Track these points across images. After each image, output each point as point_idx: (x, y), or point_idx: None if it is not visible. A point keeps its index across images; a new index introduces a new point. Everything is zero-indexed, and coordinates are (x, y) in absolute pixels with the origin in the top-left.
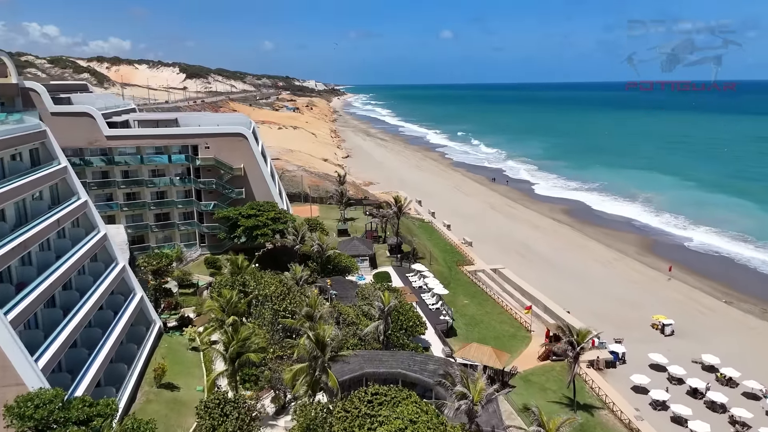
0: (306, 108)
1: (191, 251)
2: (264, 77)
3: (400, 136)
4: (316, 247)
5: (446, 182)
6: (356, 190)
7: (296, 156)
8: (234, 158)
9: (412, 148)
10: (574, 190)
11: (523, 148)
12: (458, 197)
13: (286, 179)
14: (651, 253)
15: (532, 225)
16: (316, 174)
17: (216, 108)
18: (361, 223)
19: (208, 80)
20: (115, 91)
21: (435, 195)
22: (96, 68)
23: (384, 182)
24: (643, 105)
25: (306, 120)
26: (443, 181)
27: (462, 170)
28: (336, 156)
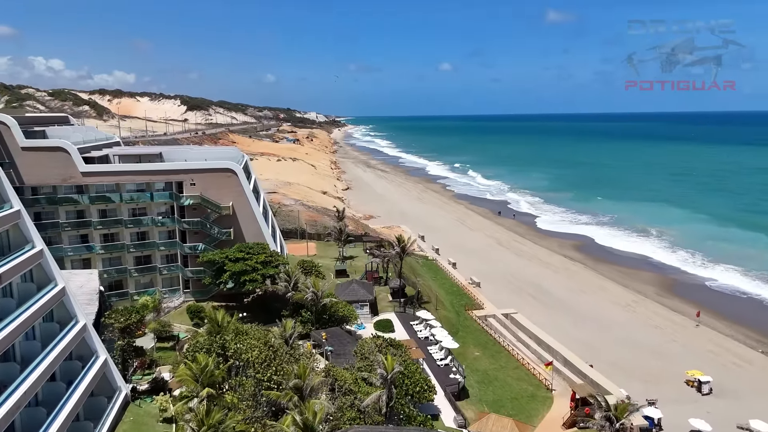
0: (306, 139)
1: (174, 297)
2: (265, 109)
3: (400, 167)
4: (310, 295)
5: (449, 216)
6: (356, 225)
7: (294, 189)
8: (222, 195)
9: (413, 180)
10: (583, 225)
11: (527, 180)
12: (463, 232)
13: (283, 214)
14: (672, 295)
15: (542, 262)
16: (314, 208)
17: (215, 140)
18: (361, 261)
19: (209, 112)
20: (114, 123)
21: (438, 229)
22: (98, 101)
23: (385, 216)
24: (643, 135)
25: (306, 151)
26: (446, 215)
27: (465, 203)
28: (336, 188)
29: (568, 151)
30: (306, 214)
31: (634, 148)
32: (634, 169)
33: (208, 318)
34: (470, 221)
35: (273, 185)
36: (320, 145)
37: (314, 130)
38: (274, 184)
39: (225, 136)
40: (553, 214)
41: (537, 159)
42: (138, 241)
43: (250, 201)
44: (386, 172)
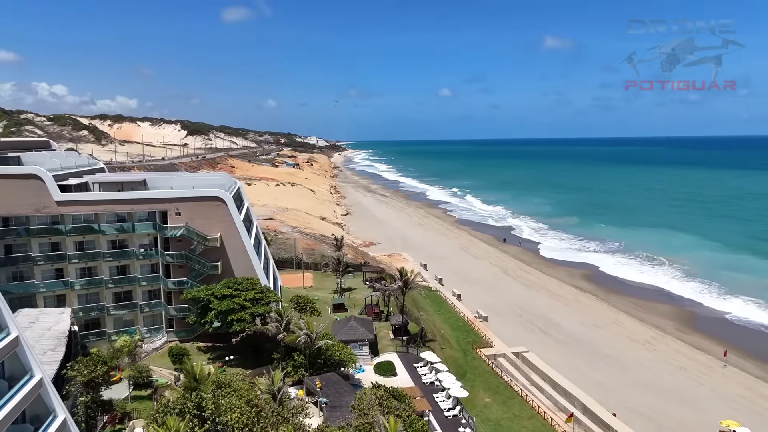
0: (306, 164)
1: (156, 337)
2: (266, 134)
3: (401, 192)
4: (303, 337)
5: (452, 242)
6: (355, 254)
7: (292, 215)
8: (210, 226)
9: (413, 205)
10: (590, 252)
11: (529, 206)
12: (467, 260)
13: (279, 242)
14: (692, 330)
15: (551, 293)
16: (311, 236)
17: (213, 165)
18: (361, 294)
19: (209, 137)
20: (113, 148)
21: (441, 257)
22: (98, 126)
23: (385, 242)
24: (643, 160)
25: (305, 176)
26: (449, 242)
27: (468, 229)
28: (335, 214)
29: (568, 176)
30: (303, 242)
31: (635, 172)
32: (636, 194)
33: (184, 370)
34: (474, 248)
35: (270, 211)
36: (320, 170)
37: (314, 154)
38: (271, 210)
39: (224, 161)
40: (559, 241)
41: (538, 184)
42: (118, 275)
43: (240, 232)
44: (386, 196)
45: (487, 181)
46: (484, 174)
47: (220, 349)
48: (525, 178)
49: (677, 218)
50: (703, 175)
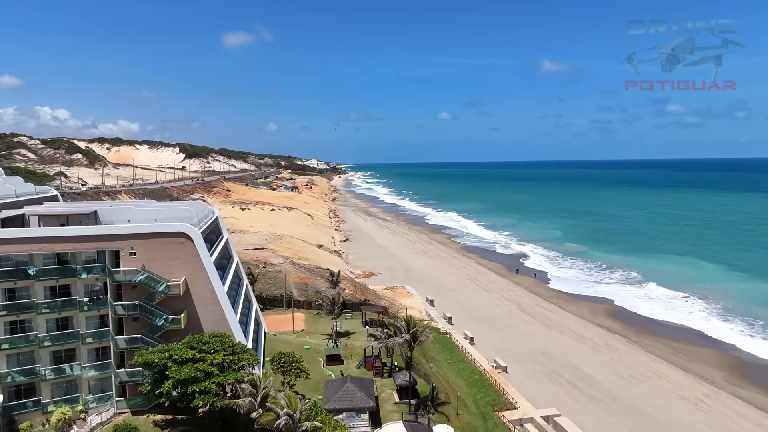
0: (305, 187)
1: (104, 407)
2: (266, 157)
3: (402, 216)
4: (283, 419)
5: (460, 273)
6: (354, 288)
7: (285, 243)
8: (172, 269)
9: (416, 230)
10: (610, 284)
11: (537, 231)
12: (477, 294)
13: (268, 277)
14: (747, 382)
15: (575, 335)
16: (305, 268)
17: (208, 189)
18: (359, 339)
19: (208, 160)
20: (105, 171)
21: (449, 290)
22: (96, 149)
23: (387, 272)
24: (646, 183)
25: (303, 200)
26: (456, 272)
27: (475, 256)
28: (333, 240)
29: (572, 200)
30: (295, 276)
31: (639, 195)
32: (646, 218)
33: None
34: (484, 279)
35: (262, 239)
36: (319, 193)
37: (314, 177)
38: (263, 238)
39: (219, 184)
40: (575, 271)
41: (542, 208)
42: (57, 330)
43: (210, 276)
44: (387, 221)
45: (489, 204)
46: (486, 197)
47: (182, 424)
48: (528, 201)
49: (694, 245)
50: (710, 198)
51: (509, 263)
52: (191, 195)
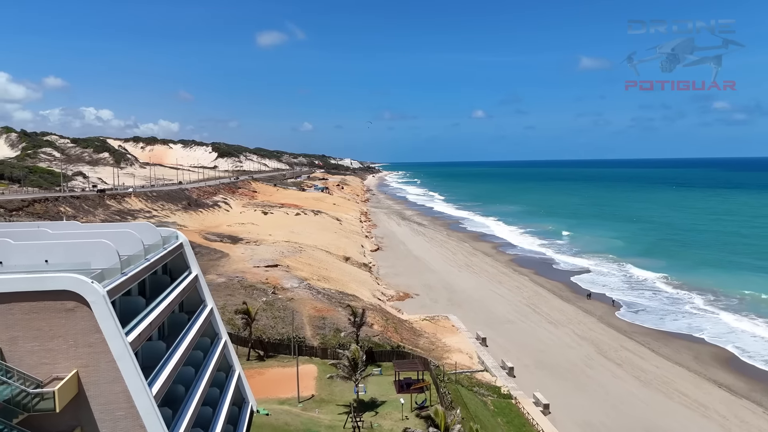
0: (337, 187)
1: None
2: (300, 156)
3: (439, 220)
4: None
5: (513, 295)
6: (385, 323)
7: (305, 258)
8: (53, 356)
9: (456, 237)
10: (712, 316)
11: (595, 241)
12: (540, 327)
13: (276, 308)
14: None
15: (690, 402)
16: (325, 294)
17: (234, 189)
18: (391, 415)
19: (240, 159)
20: (131, 171)
21: (504, 322)
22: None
23: (425, 293)
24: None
25: (333, 202)
26: (509, 293)
27: (528, 272)
28: (363, 250)
29: (624, 203)
30: (311, 306)
31: (697, 198)
32: (716, 226)
33: None
34: (545, 306)
35: (278, 253)
36: (351, 194)
37: (347, 176)
38: (280, 252)
39: (246, 185)
40: (656, 296)
41: (592, 211)
42: None
43: (122, 364)
44: (423, 225)
45: (532, 206)
46: (528, 199)
47: None
48: (574, 204)
49: None
50: None
51: (571, 282)
52: (213, 197)
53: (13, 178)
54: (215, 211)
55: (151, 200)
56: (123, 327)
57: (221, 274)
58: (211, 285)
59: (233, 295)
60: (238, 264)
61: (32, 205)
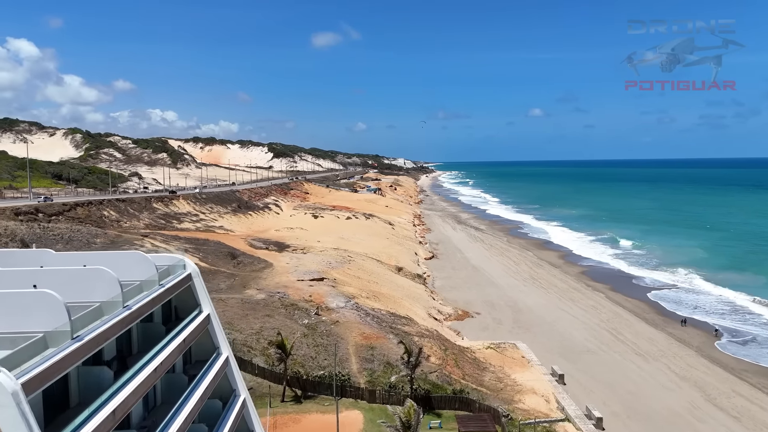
0: (389, 188)
1: None
2: (354, 156)
3: (498, 224)
4: None
5: (590, 317)
6: (444, 355)
7: (354, 269)
8: None
9: (517, 244)
10: None
11: (673, 251)
12: (627, 360)
13: (319, 333)
14: None
15: None
16: (374, 316)
17: (286, 191)
18: None
19: (294, 159)
20: (186, 171)
21: (581, 352)
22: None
23: (487, 311)
24: None
25: (386, 204)
26: (585, 315)
27: (603, 287)
28: (416, 259)
29: (697, 207)
30: (358, 332)
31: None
32: None
33: None
34: (630, 332)
35: (325, 263)
36: (404, 195)
37: (400, 177)
38: (327, 262)
39: (298, 186)
40: (759, 322)
41: (664, 216)
42: None
43: None
44: (481, 230)
45: (598, 210)
46: (592, 202)
47: None
48: (643, 207)
49: None
50: None
51: (654, 302)
52: (264, 198)
53: (71, 178)
54: (265, 214)
55: (199, 203)
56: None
57: (262, 288)
58: (250, 302)
59: (272, 315)
60: (281, 276)
61: (74, 209)
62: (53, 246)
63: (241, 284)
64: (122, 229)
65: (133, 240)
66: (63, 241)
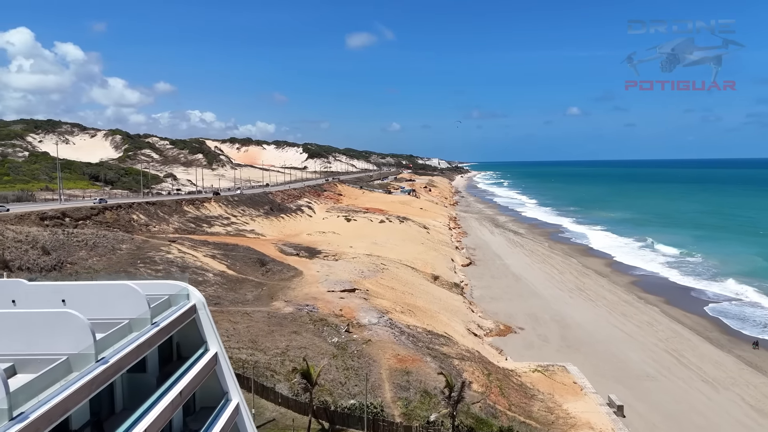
0: (424, 189)
1: None
2: (388, 156)
3: (537, 228)
4: None
5: (646, 335)
6: (487, 381)
7: (388, 279)
8: None
9: (559, 250)
10: None
11: (736, 260)
12: (693, 388)
13: (349, 354)
14: None
15: None
16: (410, 335)
17: (319, 192)
18: None
19: (329, 160)
20: (220, 172)
21: (641, 377)
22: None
23: (530, 327)
24: None
25: (420, 206)
26: (639, 332)
27: (657, 299)
28: (453, 266)
29: (752, 211)
30: (392, 354)
31: None
32: None
33: None
34: (693, 354)
35: (357, 272)
36: (439, 196)
37: (435, 177)
38: (359, 271)
39: (332, 187)
40: None
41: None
42: None
43: None
44: (520, 234)
45: (643, 213)
46: (635, 204)
47: None
48: (691, 211)
49: None
50: None
51: (716, 318)
52: (297, 200)
53: (107, 180)
54: (297, 216)
55: (231, 205)
56: None
57: (290, 300)
58: (276, 317)
59: (299, 332)
60: (311, 287)
61: (102, 213)
62: (76, 253)
63: (269, 295)
64: (150, 233)
65: (160, 246)
66: (87, 248)
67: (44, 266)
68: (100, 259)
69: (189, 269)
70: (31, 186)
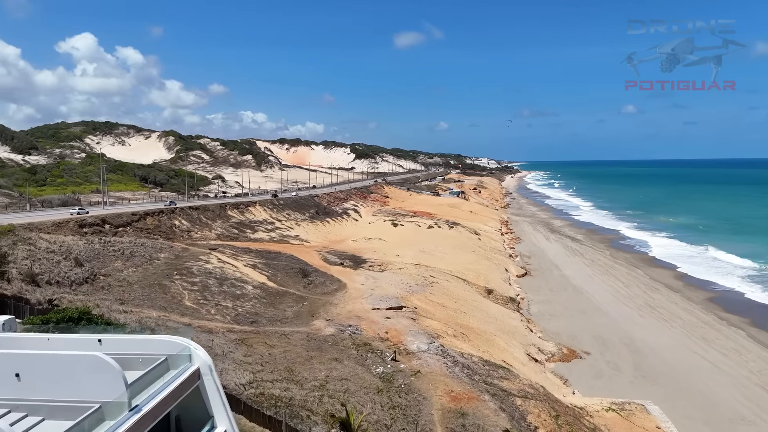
0: (473, 191)
1: None
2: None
3: (596, 234)
4: None
5: (733, 365)
6: (554, 426)
7: (438, 295)
8: None
9: (623, 259)
10: None
11: None
12: None
13: (395, 389)
14: None
15: None
16: (465, 366)
17: (366, 195)
18: None
19: (376, 160)
20: (268, 174)
21: (735, 423)
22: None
23: (597, 352)
24: None
25: (470, 209)
26: (726, 362)
27: (741, 320)
28: (507, 276)
29: None
30: (444, 389)
31: None
32: None
33: None
34: None
35: (404, 286)
36: (489, 198)
37: (484, 178)
38: (406, 285)
39: (379, 189)
40: None
41: None
42: None
43: None
44: (578, 241)
45: (711, 218)
46: (699, 207)
47: None
48: (764, 216)
49: None
50: None
51: None
52: (344, 203)
53: (157, 181)
54: (343, 221)
55: (276, 209)
56: None
57: (332, 319)
58: (316, 339)
59: (340, 359)
60: (354, 303)
61: (143, 219)
62: (110, 264)
63: (309, 312)
64: (192, 240)
65: (199, 255)
66: (123, 258)
67: (75, 279)
68: (136, 270)
69: (228, 281)
70: (83, 188)
